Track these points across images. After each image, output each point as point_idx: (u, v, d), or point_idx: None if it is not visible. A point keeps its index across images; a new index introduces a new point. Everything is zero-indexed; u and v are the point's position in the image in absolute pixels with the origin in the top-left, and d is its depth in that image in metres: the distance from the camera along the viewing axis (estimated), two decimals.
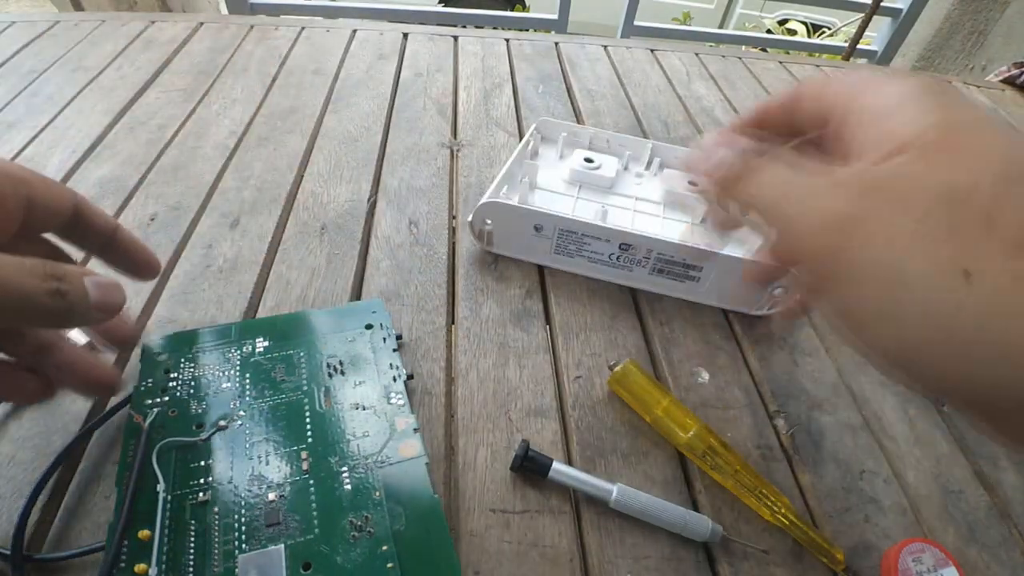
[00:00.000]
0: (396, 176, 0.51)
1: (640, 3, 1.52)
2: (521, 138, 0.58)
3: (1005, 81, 0.93)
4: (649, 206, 0.45)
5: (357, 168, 0.52)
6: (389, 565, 0.22)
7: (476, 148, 0.57)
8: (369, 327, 0.32)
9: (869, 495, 0.32)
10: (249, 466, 0.25)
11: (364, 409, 0.28)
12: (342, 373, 0.30)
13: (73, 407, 0.30)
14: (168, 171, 0.49)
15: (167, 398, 0.27)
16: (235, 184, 0.48)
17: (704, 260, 0.39)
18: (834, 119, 0.19)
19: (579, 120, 0.65)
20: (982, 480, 0.33)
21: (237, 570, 0.22)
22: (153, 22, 0.74)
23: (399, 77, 0.68)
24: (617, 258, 0.40)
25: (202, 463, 0.25)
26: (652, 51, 0.83)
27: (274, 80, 0.64)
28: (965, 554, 0.30)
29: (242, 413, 0.27)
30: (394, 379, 0.30)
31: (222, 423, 0.27)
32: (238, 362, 0.29)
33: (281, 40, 0.73)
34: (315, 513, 0.24)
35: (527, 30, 1.65)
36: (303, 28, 0.77)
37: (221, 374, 0.29)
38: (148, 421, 0.26)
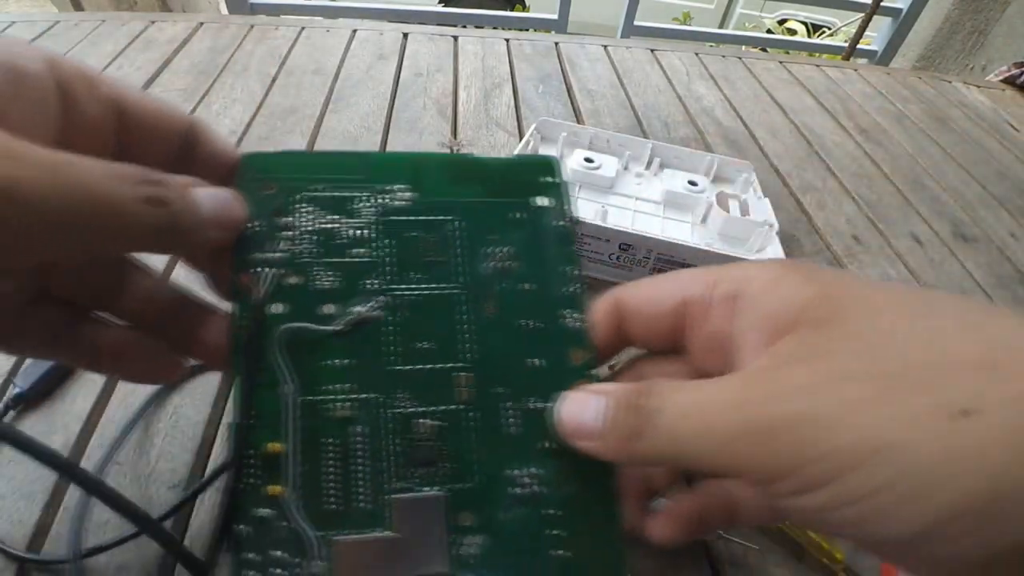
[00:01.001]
0: None
1: (640, 3, 1.52)
2: (521, 138, 0.58)
3: (1005, 81, 0.93)
4: (649, 206, 0.45)
5: None
6: (553, 532, 0.18)
7: (476, 148, 0.57)
8: (540, 204, 0.22)
9: None
10: (396, 379, 0.19)
11: (531, 326, 0.20)
12: (505, 265, 0.21)
13: (73, 407, 0.30)
14: None
15: (278, 255, 0.19)
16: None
17: (704, 260, 0.39)
18: (688, 321, 0.18)
19: (579, 120, 0.65)
20: None
21: (391, 514, 0.18)
22: (153, 22, 0.74)
23: (399, 77, 0.68)
24: (617, 258, 0.40)
25: (336, 362, 0.19)
26: (652, 51, 0.83)
27: (274, 80, 0.64)
28: None
29: (383, 299, 0.20)
30: (571, 290, 0.21)
31: (360, 311, 0.19)
32: (373, 216, 0.21)
33: (281, 40, 0.73)
34: (474, 457, 0.19)
35: (527, 30, 1.65)
36: (303, 28, 0.77)
37: (352, 232, 0.20)
38: (264, 286, 0.19)
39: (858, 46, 1.62)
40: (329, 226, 0.20)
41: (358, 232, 0.20)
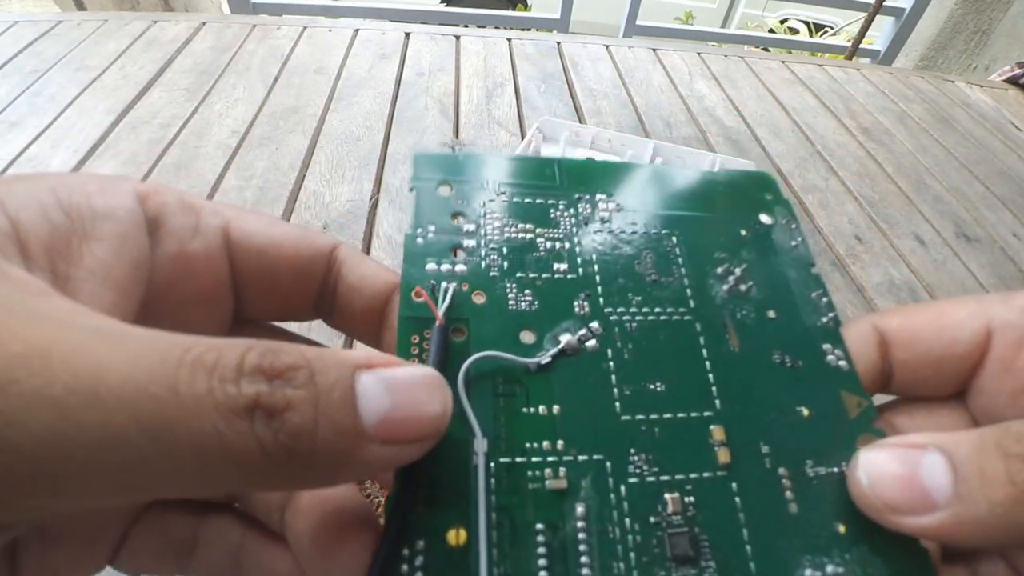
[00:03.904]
0: (398, 176, 0.51)
1: (642, 3, 1.52)
2: (523, 137, 0.58)
3: (1008, 81, 0.93)
4: None
5: (359, 167, 0.52)
6: None
7: (478, 147, 0.57)
8: (765, 219, 0.18)
9: None
10: (627, 433, 0.14)
11: (790, 365, 0.16)
12: (742, 289, 0.17)
13: None
14: (170, 170, 0.49)
15: (463, 267, 0.15)
16: (237, 183, 0.48)
17: None
18: (992, 356, 0.14)
19: (581, 119, 0.65)
20: None
21: None
22: (156, 22, 0.74)
23: (401, 76, 0.68)
24: None
25: (541, 409, 0.14)
26: (654, 51, 0.83)
27: (276, 80, 0.64)
28: None
29: (596, 327, 0.15)
30: (827, 321, 0.17)
31: (569, 340, 0.15)
32: (574, 228, 0.17)
33: (283, 40, 0.73)
34: (748, 549, 0.13)
35: (529, 30, 1.65)
36: (305, 28, 0.77)
37: (549, 244, 0.16)
38: (443, 305, 0.14)
39: (861, 46, 1.61)
40: (522, 236, 0.16)
41: (557, 244, 0.16)
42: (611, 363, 0.15)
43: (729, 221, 0.18)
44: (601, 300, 0.16)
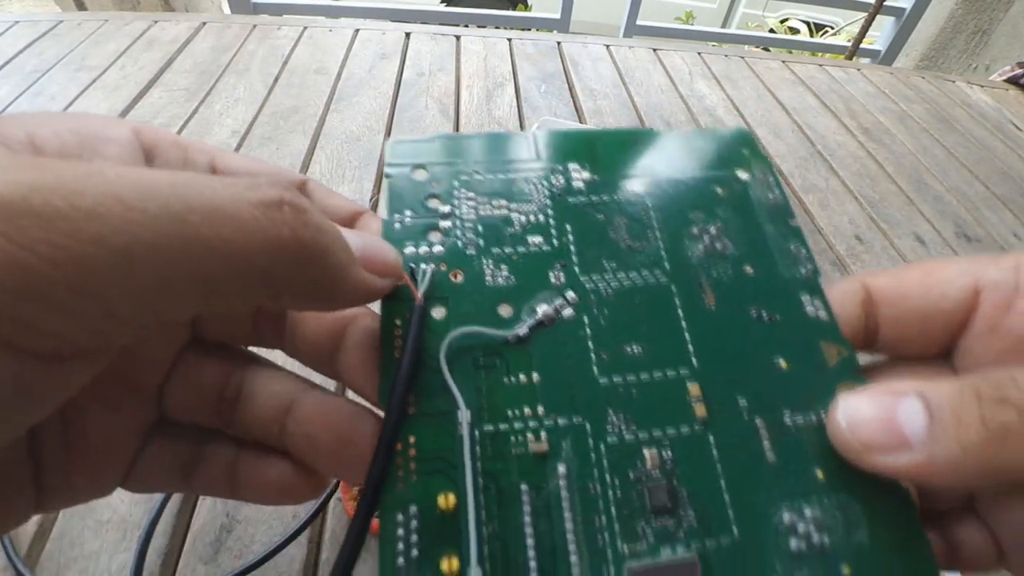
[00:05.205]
0: None
1: (642, 3, 1.52)
2: None
3: (1009, 81, 0.93)
4: None
5: (359, 167, 0.52)
6: None
7: None
8: (742, 175, 0.19)
9: None
10: (605, 396, 0.14)
11: (767, 319, 0.16)
12: (717, 247, 0.17)
13: None
14: None
15: (440, 248, 0.16)
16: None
17: None
18: (980, 316, 0.14)
19: (581, 119, 0.65)
20: None
21: None
22: (156, 22, 0.74)
23: (401, 76, 0.68)
24: None
25: (522, 378, 0.14)
26: (655, 50, 0.83)
27: (276, 80, 0.65)
28: None
29: (571, 296, 0.16)
30: (806, 271, 0.17)
31: (545, 311, 0.15)
32: (548, 200, 0.17)
33: (283, 40, 0.73)
34: (726, 498, 0.14)
35: (529, 29, 1.65)
36: (305, 28, 0.77)
37: (524, 218, 0.17)
38: (423, 286, 0.15)
39: (861, 45, 1.61)
40: (496, 212, 0.17)
41: (531, 217, 0.17)
42: (588, 330, 0.15)
43: (705, 180, 0.18)
44: (577, 269, 0.16)
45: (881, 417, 0.13)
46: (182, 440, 0.15)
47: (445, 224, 0.16)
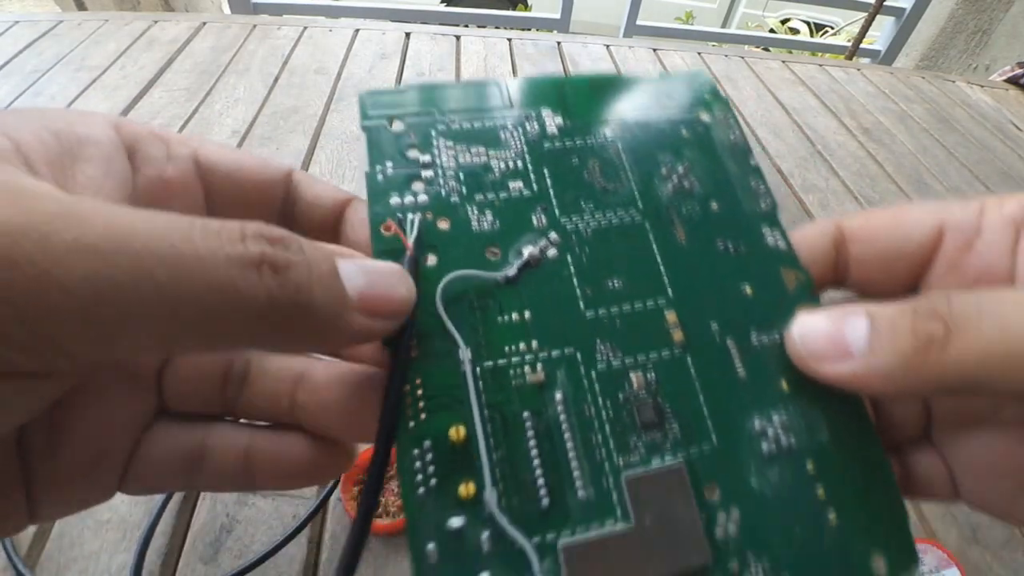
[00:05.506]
0: None
1: (642, 3, 1.52)
2: None
3: (1009, 81, 0.93)
4: None
5: (359, 167, 0.52)
6: (819, 492, 0.15)
7: None
8: (704, 117, 0.20)
9: None
10: (592, 328, 0.16)
11: (732, 251, 0.18)
12: (685, 185, 0.19)
13: None
14: None
15: (425, 197, 0.16)
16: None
17: None
18: (942, 255, 0.15)
19: None
20: None
21: (623, 499, 0.14)
22: (156, 22, 0.74)
23: (401, 77, 0.68)
24: None
25: (514, 316, 0.15)
26: (655, 50, 0.83)
27: (276, 80, 0.65)
28: (967, 555, 0.30)
29: (554, 236, 0.17)
30: (766, 205, 0.19)
31: (531, 252, 0.16)
32: (524, 147, 0.18)
33: (283, 40, 0.73)
34: (705, 411, 0.15)
35: (529, 30, 1.65)
36: (305, 28, 0.77)
37: (503, 165, 0.18)
38: (411, 235, 0.15)
39: (861, 45, 1.61)
40: (475, 159, 0.17)
41: (510, 164, 0.17)
42: (571, 267, 0.16)
43: (671, 123, 0.20)
44: (557, 211, 0.17)
45: (830, 331, 0.14)
46: (184, 431, 0.14)
47: (427, 173, 0.17)
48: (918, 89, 0.84)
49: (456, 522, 0.13)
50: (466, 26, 1.04)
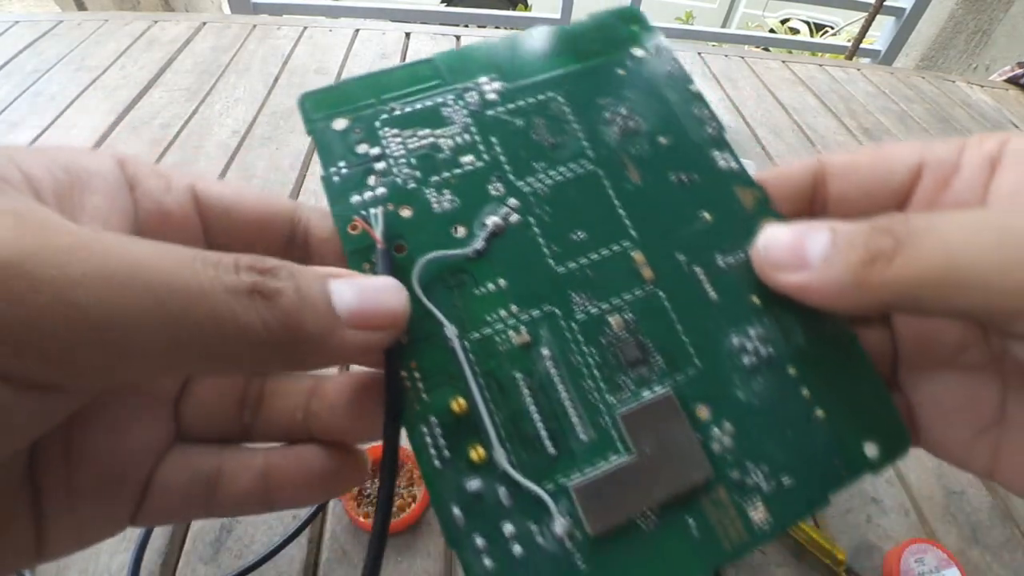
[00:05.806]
0: None
1: (642, 3, 1.52)
2: None
3: (1009, 81, 0.93)
4: None
5: None
6: (804, 393, 0.16)
7: None
8: (637, 52, 0.20)
9: (871, 495, 0.32)
10: (565, 282, 0.16)
11: (687, 181, 0.18)
12: (630, 125, 0.19)
13: None
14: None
15: (383, 190, 0.17)
16: (238, 183, 0.48)
17: None
18: (921, 189, 0.15)
19: None
20: (985, 481, 0.33)
21: (622, 434, 0.15)
22: (156, 22, 0.74)
23: None
24: None
25: (490, 287, 0.16)
26: None
27: (276, 80, 0.65)
28: (967, 555, 0.30)
29: (513, 202, 0.17)
30: (711, 130, 0.19)
31: (495, 221, 0.17)
32: (468, 120, 0.18)
33: (284, 40, 0.73)
34: (685, 338, 0.16)
35: None
36: (305, 28, 0.77)
37: (451, 142, 0.18)
38: (379, 227, 0.16)
39: (861, 45, 1.61)
40: (424, 142, 0.17)
41: (458, 139, 0.18)
42: (535, 228, 0.17)
43: (605, 65, 0.20)
44: (511, 177, 0.17)
45: (792, 242, 0.14)
46: (199, 457, 0.15)
47: (380, 166, 0.17)
48: (918, 89, 0.84)
49: (474, 484, 0.14)
50: (466, 26, 1.04)
